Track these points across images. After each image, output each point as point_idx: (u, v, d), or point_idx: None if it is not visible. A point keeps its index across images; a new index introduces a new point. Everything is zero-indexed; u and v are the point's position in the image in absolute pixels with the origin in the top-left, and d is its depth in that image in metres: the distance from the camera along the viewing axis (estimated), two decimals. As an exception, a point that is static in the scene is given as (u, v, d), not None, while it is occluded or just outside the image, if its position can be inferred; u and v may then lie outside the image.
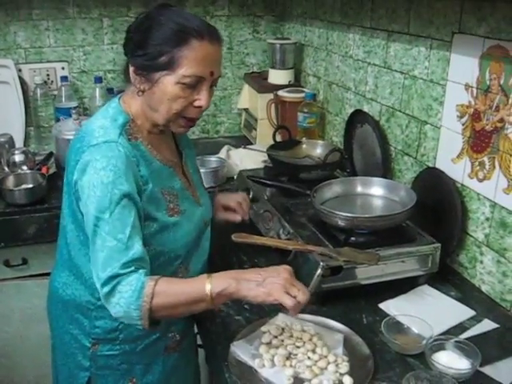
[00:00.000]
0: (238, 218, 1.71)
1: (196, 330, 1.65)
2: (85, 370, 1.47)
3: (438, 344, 1.31)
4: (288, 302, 1.21)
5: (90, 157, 1.29)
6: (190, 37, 1.29)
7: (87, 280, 1.41)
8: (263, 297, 1.23)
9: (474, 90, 1.58)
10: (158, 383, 1.51)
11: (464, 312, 1.51)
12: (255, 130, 2.77)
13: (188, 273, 1.46)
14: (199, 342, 1.70)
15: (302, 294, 1.22)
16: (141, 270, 1.24)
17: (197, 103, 1.35)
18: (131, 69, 1.36)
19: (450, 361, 1.27)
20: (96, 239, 1.26)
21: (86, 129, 1.38)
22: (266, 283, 1.24)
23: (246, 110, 2.97)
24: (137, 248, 1.25)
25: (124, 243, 1.24)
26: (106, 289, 1.22)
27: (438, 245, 1.57)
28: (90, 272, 1.38)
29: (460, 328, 1.45)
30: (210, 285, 1.23)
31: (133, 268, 1.23)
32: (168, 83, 1.32)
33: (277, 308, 1.45)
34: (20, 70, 2.70)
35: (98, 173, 1.26)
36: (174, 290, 1.25)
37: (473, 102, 1.59)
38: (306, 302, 1.23)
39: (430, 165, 1.79)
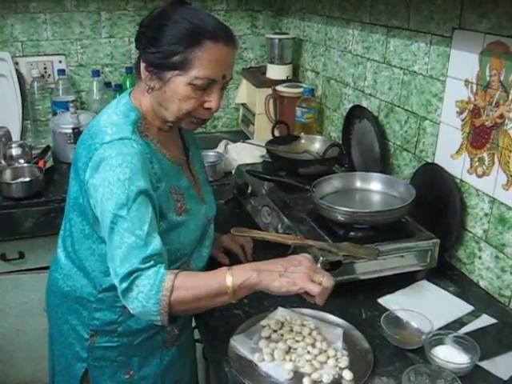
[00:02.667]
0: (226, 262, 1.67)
1: (194, 325, 1.65)
2: (82, 361, 1.47)
3: (437, 339, 1.32)
4: (314, 288, 1.20)
5: (104, 154, 1.27)
6: (204, 38, 1.27)
7: (90, 273, 1.41)
8: (287, 287, 1.21)
9: (474, 86, 1.58)
10: (155, 376, 1.51)
11: (462, 307, 1.52)
12: (253, 124, 2.77)
13: (189, 270, 1.45)
14: (197, 336, 1.70)
15: (326, 280, 1.22)
16: (160, 265, 1.22)
17: (207, 105, 1.34)
18: (142, 65, 1.34)
19: (449, 355, 1.27)
20: (113, 236, 1.24)
21: (97, 125, 1.36)
22: (288, 273, 1.23)
23: (243, 104, 2.97)
24: (155, 244, 1.23)
25: (143, 239, 1.22)
26: (125, 284, 1.20)
27: (437, 240, 1.57)
28: (92, 265, 1.40)
29: (458, 323, 1.45)
30: (231, 277, 1.22)
31: (152, 263, 1.21)
32: (179, 83, 1.30)
33: (276, 302, 1.46)
34: (17, 63, 2.69)
35: (114, 170, 1.24)
36: (194, 283, 1.23)
37: (472, 98, 1.59)
38: (332, 287, 1.23)
39: (429, 160, 1.80)
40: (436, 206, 1.69)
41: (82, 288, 1.44)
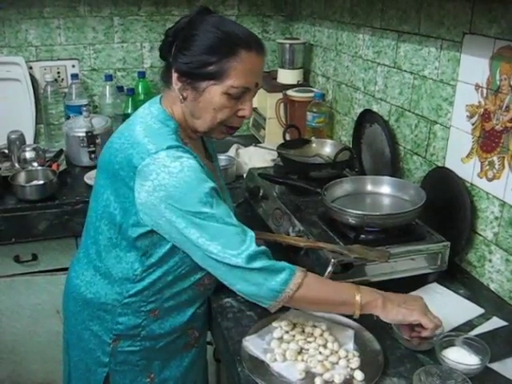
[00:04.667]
0: None
1: (206, 326, 1.67)
2: (103, 366, 1.47)
3: (448, 340, 1.32)
4: (429, 322, 1.29)
5: (155, 165, 1.26)
6: (238, 47, 1.30)
7: (116, 280, 1.42)
8: (404, 316, 1.31)
9: (484, 91, 1.59)
10: (176, 379, 1.52)
11: (473, 310, 1.53)
12: (264, 129, 2.79)
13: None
14: (208, 339, 1.72)
15: (438, 320, 1.32)
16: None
17: (240, 113, 1.37)
18: (174, 75, 1.35)
19: (460, 357, 1.28)
20: (203, 233, 1.25)
21: (135, 135, 1.35)
22: (406, 304, 1.32)
23: (254, 109, 2.98)
24: (249, 230, 1.31)
25: (239, 226, 1.29)
26: (258, 264, 1.25)
27: (447, 243, 1.58)
28: (119, 272, 1.41)
29: (469, 325, 1.46)
30: (359, 294, 1.30)
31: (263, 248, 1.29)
32: (215, 93, 1.32)
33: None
34: (31, 68, 2.73)
35: (177, 176, 1.25)
36: (321, 287, 1.32)
37: (483, 102, 1.60)
38: (440, 330, 1.33)
39: (440, 164, 1.81)
40: (446, 209, 1.70)
41: (107, 295, 1.44)
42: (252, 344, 1.34)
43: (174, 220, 1.27)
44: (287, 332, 1.36)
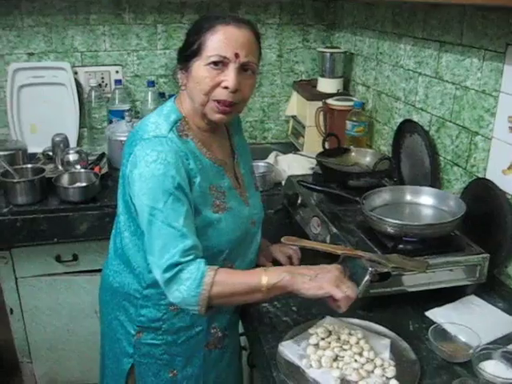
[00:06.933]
0: None
1: (241, 331, 1.68)
2: (128, 357, 1.53)
3: (486, 353, 1.31)
4: (338, 294, 1.30)
5: (141, 151, 1.35)
6: (215, 23, 1.37)
7: (135, 269, 1.48)
8: (315, 290, 1.31)
9: (528, 102, 1.58)
10: (198, 377, 1.56)
11: (511, 323, 1.51)
12: (303, 136, 2.80)
13: None
14: (242, 343, 1.73)
15: (351, 290, 1.31)
16: (199, 259, 1.31)
17: (223, 84, 1.38)
18: (178, 68, 1.45)
19: (497, 370, 1.27)
20: (151, 228, 1.32)
21: (140, 124, 1.45)
22: (317, 278, 1.33)
23: (293, 117, 3.00)
24: (191, 236, 1.32)
25: (179, 230, 1.30)
26: (168, 275, 1.29)
27: (487, 255, 1.56)
28: (138, 261, 1.46)
29: (506, 339, 1.44)
30: (266, 277, 1.31)
31: (192, 256, 1.30)
32: (198, 68, 1.38)
33: (324, 311, 1.48)
34: (76, 73, 2.80)
35: (149, 166, 1.32)
36: (232, 280, 1.33)
37: (526, 114, 1.59)
38: (355, 297, 1.32)
39: (480, 176, 1.79)
40: (486, 221, 1.68)
41: (129, 284, 1.51)
42: (288, 349, 1.35)
43: (141, 210, 1.35)
44: (323, 339, 1.37)
